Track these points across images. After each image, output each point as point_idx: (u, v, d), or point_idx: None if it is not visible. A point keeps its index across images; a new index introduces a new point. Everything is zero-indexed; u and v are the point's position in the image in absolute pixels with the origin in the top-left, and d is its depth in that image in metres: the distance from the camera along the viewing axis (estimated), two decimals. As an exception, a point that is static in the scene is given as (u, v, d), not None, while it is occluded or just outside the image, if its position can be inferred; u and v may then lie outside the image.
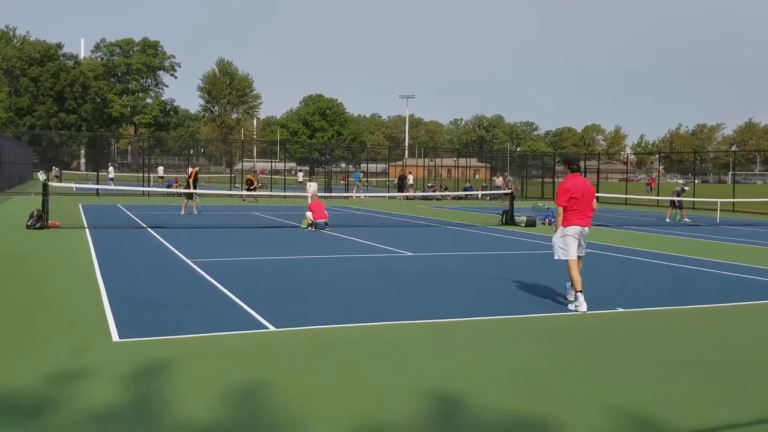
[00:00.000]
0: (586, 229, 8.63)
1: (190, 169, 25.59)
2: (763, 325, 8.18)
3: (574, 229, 8.49)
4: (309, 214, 18.81)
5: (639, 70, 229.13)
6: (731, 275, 11.95)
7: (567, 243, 8.48)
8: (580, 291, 8.37)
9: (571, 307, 8.43)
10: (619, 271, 12.10)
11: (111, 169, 51.42)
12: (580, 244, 8.56)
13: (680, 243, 17.58)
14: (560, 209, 8.55)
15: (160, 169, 61.57)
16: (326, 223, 18.84)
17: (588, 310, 8.32)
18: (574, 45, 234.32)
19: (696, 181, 49.32)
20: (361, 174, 53.43)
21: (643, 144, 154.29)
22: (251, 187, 34.03)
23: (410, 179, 48.22)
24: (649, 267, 12.73)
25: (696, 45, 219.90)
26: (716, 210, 27.80)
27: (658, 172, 53.20)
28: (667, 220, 25.82)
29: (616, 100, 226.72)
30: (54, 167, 51.72)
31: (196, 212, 23.70)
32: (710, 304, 9.25)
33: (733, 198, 33.57)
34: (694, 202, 34.42)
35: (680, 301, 9.27)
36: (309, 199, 20.97)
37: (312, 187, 29.87)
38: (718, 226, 24.39)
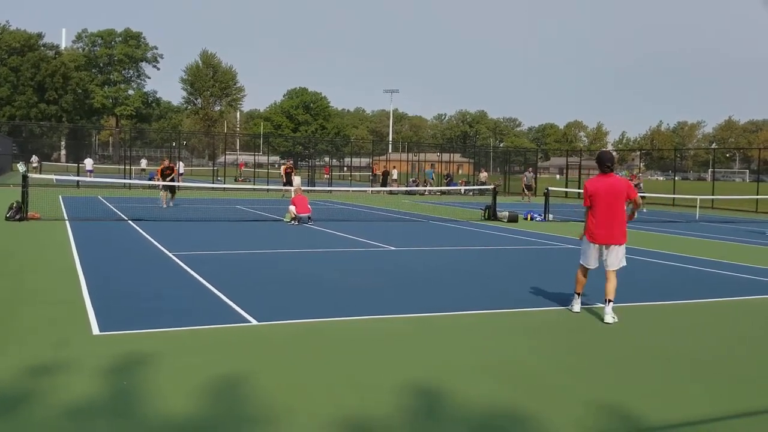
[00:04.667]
0: (610, 248, 7.73)
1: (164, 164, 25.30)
2: (745, 320, 8.28)
3: (590, 245, 7.86)
4: (292, 208, 18.77)
5: (621, 68, 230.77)
6: (712, 272, 12.09)
7: (582, 248, 8.06)
8: (578, 293, 8.14)
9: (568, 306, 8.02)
10: (602, 267, 12.17)
11: (89, 161, 47.52)
12: (603, 257, 7.84)
13: (660, 239, 17.75)
14: (586, 209, 7.96)
15: (143, 161, 60.95)
16: (309, 217, 18.80)
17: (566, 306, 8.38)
18: (558, 42, 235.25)
19: (676, 178, 49.80)
20: (434, 171, 52.99)
21: (624, 141, 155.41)
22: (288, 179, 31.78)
23: (394, 174, 48.27)
24: (632, 263, 12.81)
25: (677, 44, 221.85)
26: (696, 207, 28.11)
27: (639, 168, 53.56)
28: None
29: (598, 97, 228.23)
30: (33, 156, 50.86)
31: (167, 205, 23.31)
32: (692, 300, 9.36)
33: (713, 195, 33.94)
34: (673, 198, 34.79)
35: (663, 297, 9.36)
36: (292, 192, 20.92)
37: (295, 180, 29.86)
38: (698, 222, 24.66)
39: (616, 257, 7.82)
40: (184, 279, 9.61)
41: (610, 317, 7.65)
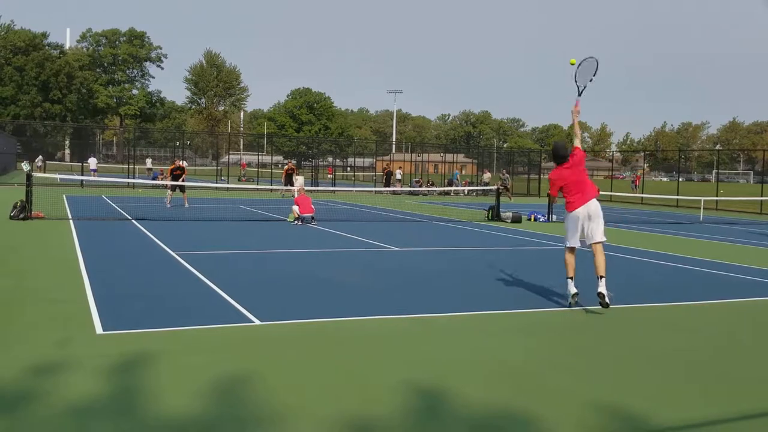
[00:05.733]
0: (591, 206, 8.32)
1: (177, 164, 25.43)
2: (747, 322, 8.28)
3: (574, 214, 8.36)
4: (295, 207, 18.79)
5: (625, 69, 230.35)
6: (715, 273, 12.07)
7: (567, 229, 8.51)
8: (570, 277, 8.37)
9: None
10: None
11: (93, 160, 47.17)
12: (585, 229, 8.30)
13: (664, 240, 17.73)
14: (554, 198, 8.71)
15: (149, 161, 61.04)
16: (312, 217, 18.83)
17: (567, 308, 8.43)
18: (562, 43, 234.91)
19: (680, 180, 49.72)
20: (460, 173, 53.29)
21: (628, 142, 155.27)
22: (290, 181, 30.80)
23: (398, 174, 48.23)
24: (634, 264, 12.83)
25: (681, 45, 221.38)
26: (700, 208, 28.07)
27: (643, 170, 53.53)
28: None
29: (602, 98, 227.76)
30: (39, 157, 50.97)
31: (168, 206, 23.24)
32: (695, 302, 9.34)
33: (717, 196, 33.88)
34: (677, 199, 34.75)
35: (665, 298, 9.35)
36: (296, 192, 20.94)
37: (299, 180, 29.83)
38: (702, 223, 24.62)
39: (599, 226, 8.27)
40: (187, 278, 9.64)
41: (606, 292, 7.98)
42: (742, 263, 13.35)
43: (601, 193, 36.61)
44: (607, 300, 8.07)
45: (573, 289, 8.32)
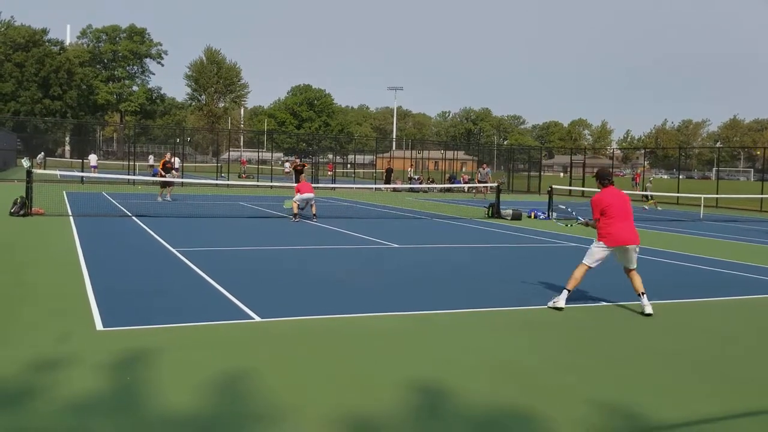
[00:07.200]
0: (634, 246, 8.31)
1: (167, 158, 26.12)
2: (745, 319, 8.28)
3: (606, 250, 8.25)
4: (296, 196, 18.84)
5: (626, 66, 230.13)
6: (715, 270, 12.07)
7: (597, 253, 8.28)
8: (569, 290, 8.27)
9: (549, 303, 8.29)
10: (603, 265, 12.15)
11: (93, 156, 47.61)
12: (618, 257, 8.35)
13: (663, 238, 17.72)
14: (596, 222, 8.38)
15: (151, 157, 60.98)
16: (314, 214, 18.87)
17: (566, 305, 8.30)
18: (562, 40, 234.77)
19: (680, 177, 49.68)
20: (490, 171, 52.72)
21: (629, 139, 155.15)
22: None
23: (410, 172, 47.80)
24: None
25: (682, 42, 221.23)
26: (700, 206, 28.06)
27: (643, 167, 53.44)
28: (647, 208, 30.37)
29: (603, 95, 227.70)
30: (41, 154, 50.91)
31: (168, 199, 23.96)
32: (693, 299, 9.35)
33: (717, 194, 33.84)
34: (678, 197, 34.72)
35: (664, 296, 9.34)
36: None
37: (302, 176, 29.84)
38: (702, 221, 24.61)
39: (636, 256, 8.44)
40: (187, 275, 9.63)
41: (650, 308, 8.08)
42: (744, 260, 13.34)
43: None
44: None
45: (561, 304, 8.18)
